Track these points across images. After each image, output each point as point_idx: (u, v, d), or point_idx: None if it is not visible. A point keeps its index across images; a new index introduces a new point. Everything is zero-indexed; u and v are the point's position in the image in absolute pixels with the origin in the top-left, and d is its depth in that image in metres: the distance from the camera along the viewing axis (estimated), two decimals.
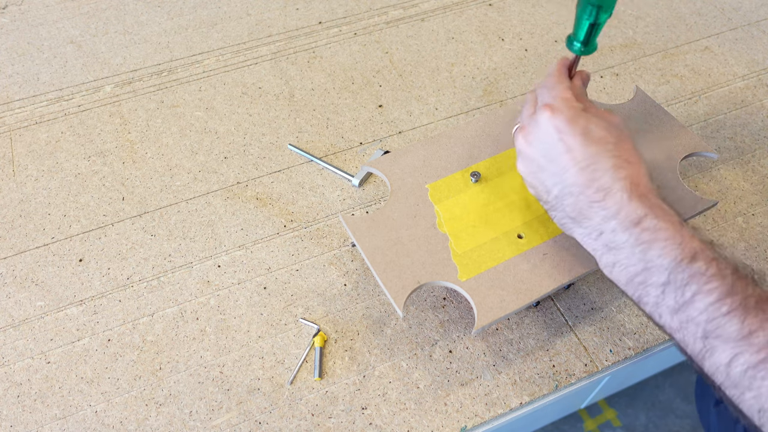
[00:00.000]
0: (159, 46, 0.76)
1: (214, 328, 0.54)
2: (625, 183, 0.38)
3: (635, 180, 0.39)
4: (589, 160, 0.39)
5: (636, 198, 0.38)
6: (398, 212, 0.51)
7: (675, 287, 0.36)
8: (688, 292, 0.36)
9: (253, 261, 0.58)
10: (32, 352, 0.53)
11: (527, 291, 0.46)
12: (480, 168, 0.54)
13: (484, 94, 0.71)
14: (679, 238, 0.37)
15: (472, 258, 0.48)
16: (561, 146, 0.40)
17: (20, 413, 0.50)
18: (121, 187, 0.63)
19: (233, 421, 0.49)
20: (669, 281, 0.36)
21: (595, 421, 1.16)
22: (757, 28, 0.78)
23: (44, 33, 0.78)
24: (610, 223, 0.38)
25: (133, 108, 0.70)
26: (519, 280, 0.47)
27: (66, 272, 0.57)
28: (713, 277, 0.35)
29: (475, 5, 0.81)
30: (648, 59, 0.75)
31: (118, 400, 0.50)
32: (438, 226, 0.50)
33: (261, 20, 0.79)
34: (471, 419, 0.49)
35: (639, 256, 0.37)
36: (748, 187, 0.63)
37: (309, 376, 0.51)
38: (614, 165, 0.39)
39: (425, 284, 0.47)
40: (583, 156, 0.39)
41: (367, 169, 0.54)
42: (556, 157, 0.40)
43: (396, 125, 0.68)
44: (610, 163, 0.39)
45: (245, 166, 0.65)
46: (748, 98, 0.71)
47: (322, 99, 0.71)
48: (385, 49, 0.76)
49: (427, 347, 0.53)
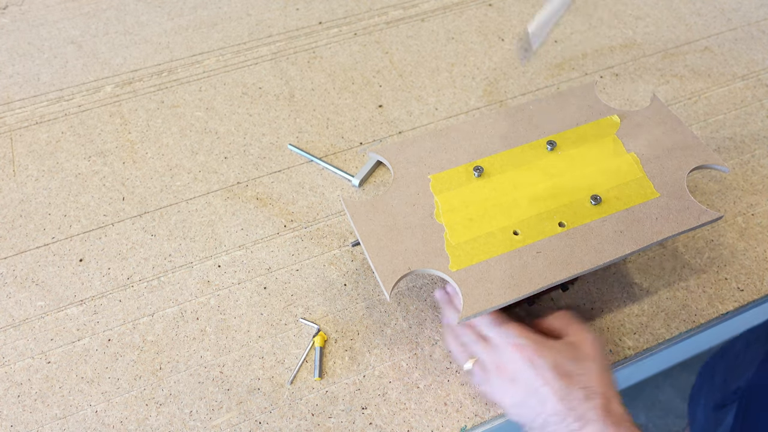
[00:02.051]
0: (159, 46, 0.77)
1: (214, 328, 0.54)
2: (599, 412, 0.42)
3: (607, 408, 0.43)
4: (564, 392, 0.43)
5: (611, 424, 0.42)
6: (398, 199, 0.51)
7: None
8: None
9: (253, 261, 0.58)
10: (32, 351, 0.53)
11: (515, 287, 0.47)
12: (484, 163, 0.54)
13: (484, 94, 0.71)
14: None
15: (465, 250, 0.48)
16: (539, 380, 0.44)
17: (20, 413, 0.50)
18: (122, 187, 0.63)
19: (233, 421, 0.49)
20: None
21: None
22: (756, 28, 0.78)
23: (45, 33, 0.79)
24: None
25: (134, 108, 0.70)
26: (509, 276, 0.47)
27: (66, 272, 0.57)
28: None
29: (475, 5, 0.82)
30: (648, 59, 0.75)
31: (118, 400, 0.50)
32: (435, 216, 0.50)
33: (261, 20, 0.80)
34: (471, 419, 0.49)
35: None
36: (748, 187, 0.63)
37: (309, 376, 0.51)
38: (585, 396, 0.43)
39: (415, 271, 0.47)
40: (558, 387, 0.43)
41: (373, 156, 0.55)
42: (537, 389, 0.44)
43: (396, 125, 0.68)
44: (581, 394, 0.43)
45: (245, 166, 0.65)
46: (748, 98, 0.71)
47: (322, 99, 0.71)
48: (385, 49, 0.76)
49: (427, 347, 0.53)
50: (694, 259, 0.58)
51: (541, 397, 0.44)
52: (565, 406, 0.43)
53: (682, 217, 0.50)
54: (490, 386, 0.48)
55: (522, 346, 0.46)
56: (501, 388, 0.47)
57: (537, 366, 0.45)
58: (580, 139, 0.55)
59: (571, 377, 0.44)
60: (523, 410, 0.45)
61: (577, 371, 0.45)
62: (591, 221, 0.50)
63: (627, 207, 0.51)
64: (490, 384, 0.48)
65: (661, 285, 0.56)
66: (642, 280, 0.57)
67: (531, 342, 0.46)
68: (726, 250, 0.58)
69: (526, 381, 0.45)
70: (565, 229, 0.50)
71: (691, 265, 0.57)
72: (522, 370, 0.45)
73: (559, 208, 0.51)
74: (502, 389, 0.46)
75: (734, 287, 0.56)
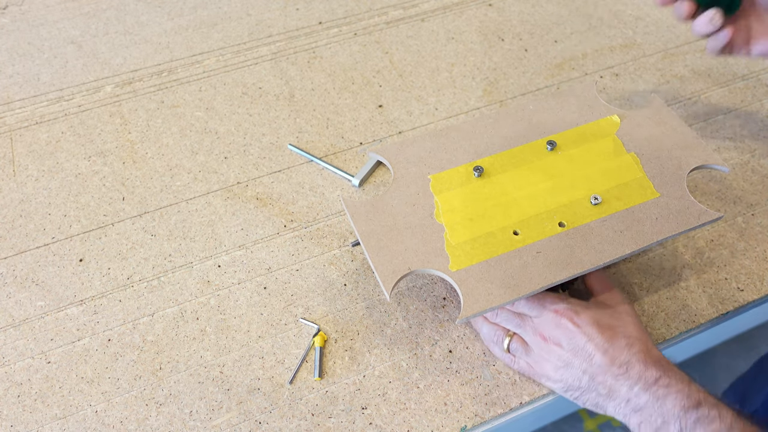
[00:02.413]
0: (159, 46, 0.77)
1: (214, 328, 0.54)
2: (640, 355, 0.46)
3: (647, 351, 0.47)
4: (607, 344, 0.46)
5: (651, 364, 0.46)
6: (398, 199, 0.51)
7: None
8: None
9: (253, 261, 0.58)
10: (32, 351, 0.53)
11: (515, 287, 0.47)
12: (484, 163, 0.54)
13: (484, 94, 0.71)
14: (687, 390, 0.44)
15: (465, 250, 0.48)
16: (583, 337, 0.47)
17: (20, 413, 0.50)
18: (122, 187, 0.63)
19: (233, 421, 0.49)
20: (681, 428, 0.43)
21: (594, 420, 1.16)
22: None
23: (45, 33, 0.79)
24: (634, 389, 0.45)
25: (134, 108, 0.70)
26: (509, 276, 0.47)
27: (66, 272, 0.57)
28: (715, 419, 0.43)
29: (475, 5, 0.82)
30: (648, 59, 0.75)
31: (118, 400, 0.50)
32: (435, 216, 0.50)
33: (261, 20, 0.80)
34: (471, 419, 0.49)
35: (658, 411, 0.44)
36: (747, 187, 0.63)
37: (309, 376, 0.51)
38: (627, 344, 0.47)
39: (415, 271, 0.47)
40: (601, 341, 0.47)
41: (373, 156, 0.55)
42: (581, 347, 0.47)
43: (396, 125, 0.68)
44: (623, 343, 0.47)
45: (245, 166, 0.65)
46: (748, 98, 0.71)
47: (322, 99, 0.71)
48: (385, 49, 0.76)
49: (427, 347, 0.53)
50: (694, 259, 0.58)
51: (587, 354, 0.47)
52: (610, 357, 0.46)
53: (682, 217, 0.50)
54: (532, 357, 0.50)
55: (561, 310, 0.48)
56: (543, 356, 0.49)
57: (579, 325, 0.47)
58: (580, 139, 0.55)
59: (612, 329, 0.47)
60: (568, 373, 0.48)
61: (616, 323, 0.48)
62: (591, 221, 0.50)
63: (627, 207, 0.51)
64: (532, 355, 0.50)
65: (661, 285, 0.56)
66: (642, 280, 0.57)
67: (569, 305, 0.49)
68: (726, 250, 0.58)
69: (569, 341, 0.47)
70: (565, 229, 0.50)
71: (691, 265, 0.57)
72: (565, 332, 0.47)
73: (559, 208, 0.51)
74: (545, 356, 0.49)
75: (734, 287, 0.56)
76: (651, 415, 0.45)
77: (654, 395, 0.45)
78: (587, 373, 0.47)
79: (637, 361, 0.46)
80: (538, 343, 0.49)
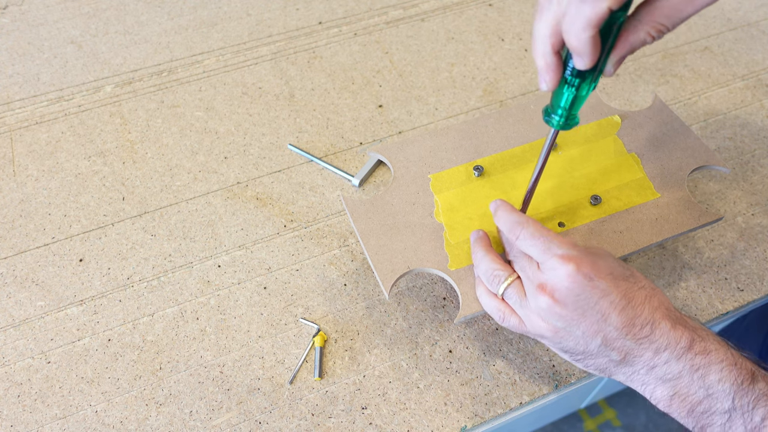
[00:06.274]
0: (159, 46, 0.77)
1: (214, 328, 0.54)
2: (662, 312, 0.38)
3: (667, 306, 0.39)
4: (626, 300, 0.38)
5: (678, 325, 0.38)
6: (398, 198, 0.51)
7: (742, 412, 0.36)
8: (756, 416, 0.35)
9: (253, 261, 0.58)
10: (32, 351, 0.53)
11: None
12: (484, 163, 0.54)
13: (484, 94, 0.71)
14: (732, 358, 0.37)
15: (464, 249, 0.49)
16: (596, 293, 0.38)
17: (20, 413, 0.50)
18: (122, 187, 0.63)
19: (233, 421, 0.49)
20: (734, 407, 0.35)
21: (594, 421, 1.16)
22: (756, 29, 0.78)
23: (45, 33, 0.78)
24: (661, 356, 0.37)
25: (134, 108, 0.70)
26: None
27: (66, 272, 0.57)
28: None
29: (475, 5, 0.82)
30: (648, 59, 0.75)
31: (118, 400, 0.50)
32: (435, 216, 0.50)
33: (261, 20, 0.80)
34: (471, 419, 0.49)
35: (699, 383, 0.37)
36: (748, 187, 0.63)
37: (309, 376, 0.51)
38: (646, 296, 0.39)
39: (414, 270, 0.48)
40: (618, 296, 0.38)
41: (373, 155, 0.55)
42: (593, 305, 0.38)
43: (396, 125, 0.68)
44: (642, 294, 0.39)
45: (245, 166, 0.65)
46: (748, 98, 0.71)
47: (322, 99, 0.71)
48: (385, 49, 0.76)
49: (427, 347, 0.53)
50: (694, 259, 0.58)
51: (600, 313, 0.38)
52: (628, 316, 0.38)
53: (682, 218, 0.50)
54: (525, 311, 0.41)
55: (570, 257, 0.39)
56: (540, 313, 0.40)
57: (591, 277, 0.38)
58: (581, 139, 0.55)
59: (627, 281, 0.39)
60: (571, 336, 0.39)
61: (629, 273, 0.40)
62: (591, 221, 0.50)
63: (627, 207, 0.51)
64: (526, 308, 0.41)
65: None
66: None
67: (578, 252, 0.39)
68: (726, 250, 0.58)
69: (577, 298, 0.38)
70: (565, 229, 0.50)
71: (691, 265, 0.57)
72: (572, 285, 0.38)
73: (559, 208, 0.51)
74: (542, 314, 0.40)
75: (734, 287, 0.56)
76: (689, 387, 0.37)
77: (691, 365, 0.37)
78: (599, 334, 0.38)
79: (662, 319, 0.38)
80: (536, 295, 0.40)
